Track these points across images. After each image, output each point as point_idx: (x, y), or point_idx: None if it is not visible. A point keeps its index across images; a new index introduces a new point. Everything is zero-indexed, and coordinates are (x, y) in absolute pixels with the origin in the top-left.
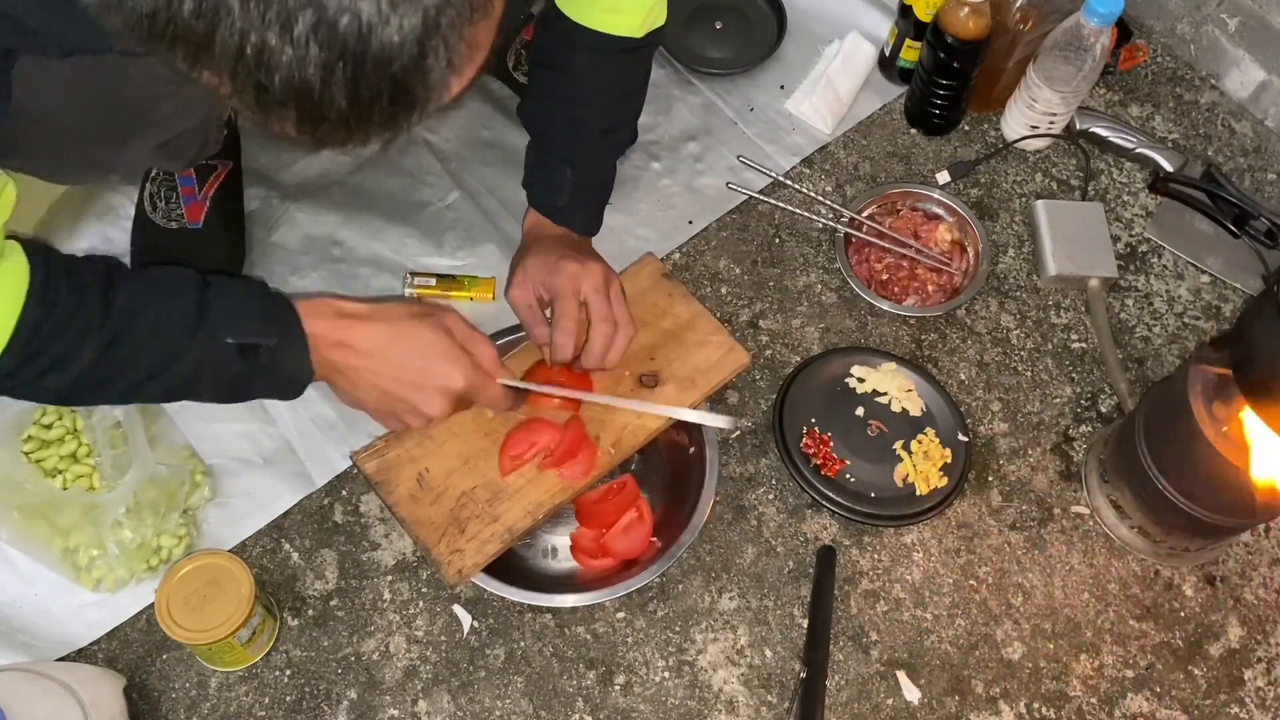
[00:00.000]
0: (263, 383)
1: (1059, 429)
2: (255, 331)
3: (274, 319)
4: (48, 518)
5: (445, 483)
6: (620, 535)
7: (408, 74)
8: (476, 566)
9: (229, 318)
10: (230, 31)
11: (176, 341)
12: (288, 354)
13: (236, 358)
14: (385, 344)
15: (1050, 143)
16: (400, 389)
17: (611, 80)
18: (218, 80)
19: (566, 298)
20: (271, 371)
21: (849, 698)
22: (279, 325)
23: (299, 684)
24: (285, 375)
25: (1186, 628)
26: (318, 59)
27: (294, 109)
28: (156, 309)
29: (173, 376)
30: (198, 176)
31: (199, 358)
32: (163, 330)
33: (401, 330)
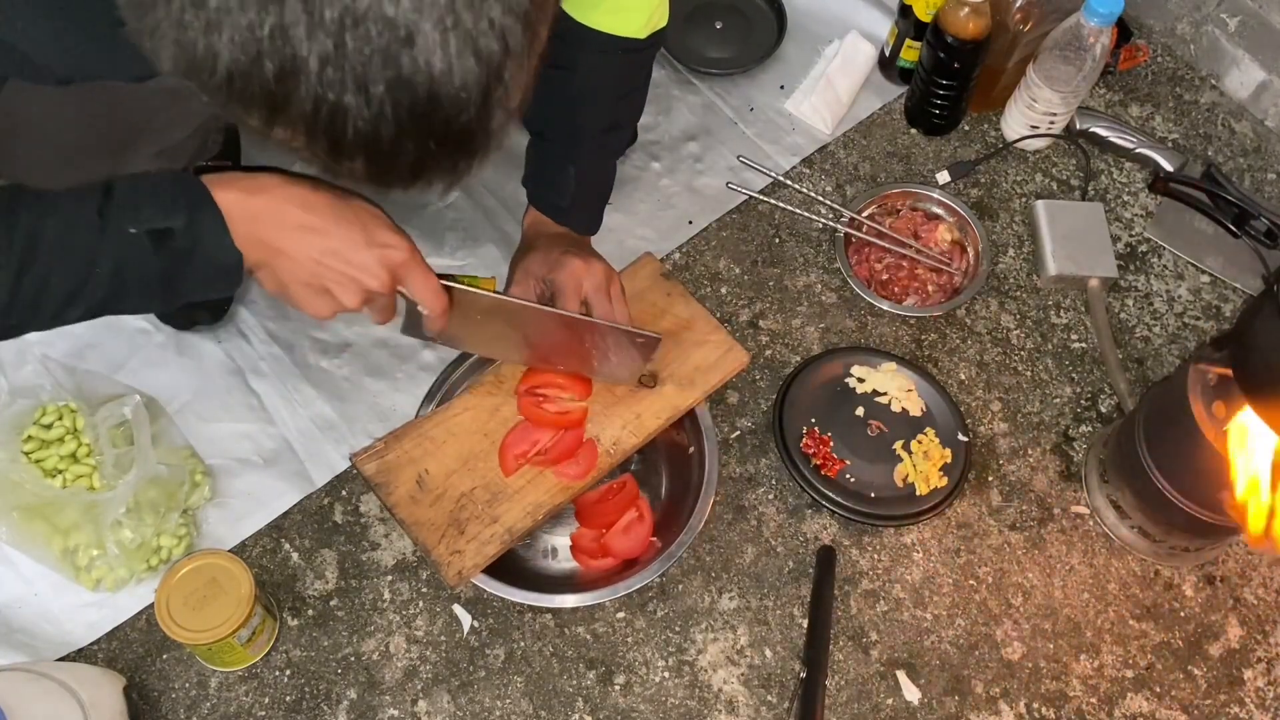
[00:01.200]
0: (191, 275)
1: (1059, 429)
2: (160, 215)
3: (180, 198)
4: (48, 518)
5: (445, 484)
6: (620, 535)
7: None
8: (476, 568)
9: (131, 208)
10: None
11: (86, 249)
12: (205, 234)
13: (150, 250)
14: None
15: (1050, 143)
16: (337, 261)
17: (614, 80)
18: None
19: (567, 295)
20: (194, 257)
21: (849, 698)
22: (186, 203)
23: (299, 684)
24: (210, 260)
25: (1186, 628)
26: (391, 115)
27: (364, 159)
28: (60, 221)
29: (97, 287)
30: None
31: (114, 260)
32: (70, 240)
33: (334, 200)
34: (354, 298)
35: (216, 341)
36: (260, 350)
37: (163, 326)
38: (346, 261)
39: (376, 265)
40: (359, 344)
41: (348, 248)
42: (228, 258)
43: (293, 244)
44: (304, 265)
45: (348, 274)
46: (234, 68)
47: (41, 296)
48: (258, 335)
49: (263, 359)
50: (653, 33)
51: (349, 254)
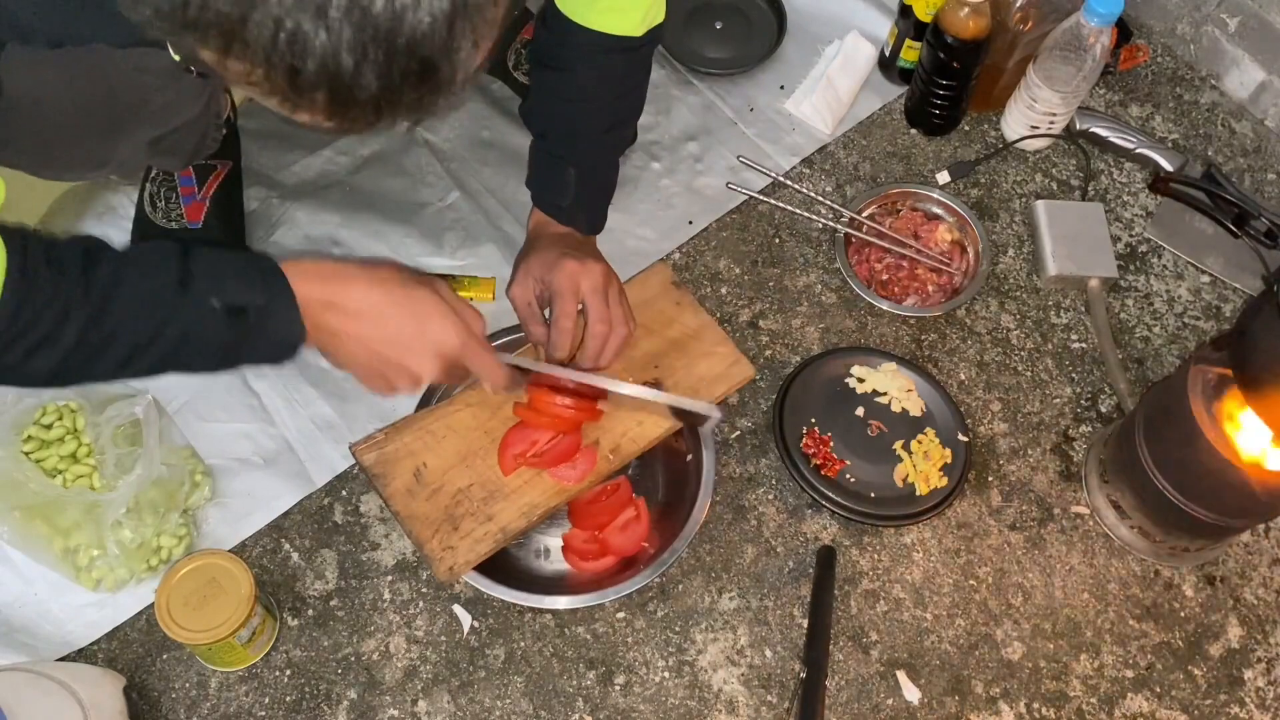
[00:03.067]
0: (253, 347)
1: (1059, 429)
2: (241, 293)
3: (259, 279)
4: (48, 518)
5: (442, 479)
6: (618, 532)
7: (437, 54)
8: (468, 565)
9: (213, 281)
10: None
11: (161, 310)
12: (276, 314)
13: (224, 322)
14: (377, 304)
15: (1050, 143)
16: (393, 350)
17: (612, 79)
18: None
19: (565, 297)
20: (261, 334)
21: (849, 698)
22: (265, 285)
23: (299, 684)
24: (276, 337)
25: (1186, 628)
26: (351, 42)
27: (325, 93)
28: (138, 280)
29: (161, 347)
30: (197, 176)
31: (185, 325)
32: (146, 300)
33: (394, 291)
34: (408, 384)
35: None
36: None
37: None
38: (400, 352)
39: (427, 358)
40: None
41: (401, 339)
42: (292, 338)
43: (351, 334)
44: (360, 354)
45: (401, 364)
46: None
47: (107, 348)
48: None
49: None
50: (649, 29)
51: (402, 346)
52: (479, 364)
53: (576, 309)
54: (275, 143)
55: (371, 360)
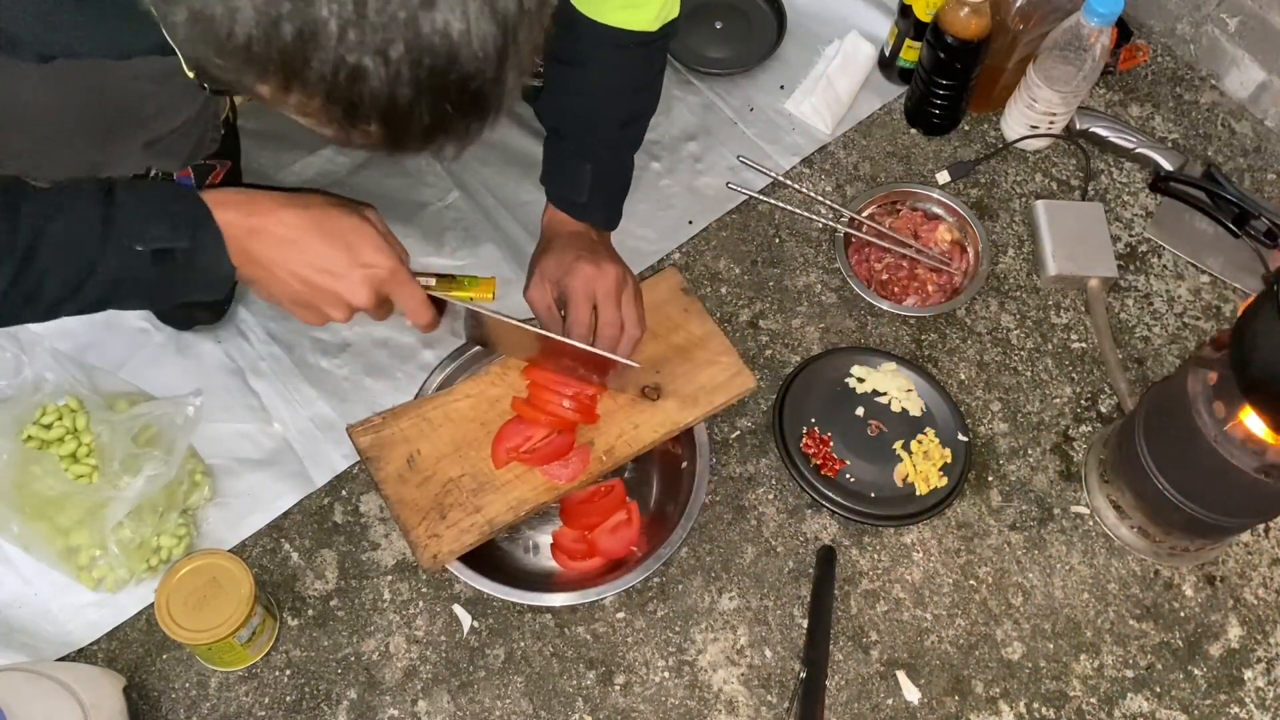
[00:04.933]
0: (183, 286)
1: (1059, 429)
2: (165, 236)
3: (184, 219)
4: (49, 517)
5: (435, 467)
6: (608, 534)
7: (487, 86)
8: (452, 554)
9: (136, 224)
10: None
11: (87, 255)
12: (203, 254)
13: (150, 265)
14: (305, 230)
15: (1050, 143)
16: (323, 277)
17: (627, 75)
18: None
19: (579, 303)
20: (190, 272)
21: (849, 698)
22: (190, 225)
23: (299, 684)
24: (206, 275)
25: (1186, 628)
26: (409, 78)
27: (380, 124)
28: (63, 223)
29: (92, 290)
30: (196, 176)
31: (112, 269)
32: (72, 244)
33: (322, 216)
34: (340, 313)
35: (216, 341)
36: (260, 350)
37: (163, 326)
38: (331, 279)
39: (360, 284)
40: (359, 344)
41: (332, 266)
42: (221, 272)
43: (280, 262)
44: (290, 283)
45: (333, 291)
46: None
47: (38, 291)
48: (257, 335)
49: (262, 359)
50: (664, 24)
51: (333, 273)
52: (406, 296)
53: (590, 315)
54: (275, 143)
55: (302, 289)
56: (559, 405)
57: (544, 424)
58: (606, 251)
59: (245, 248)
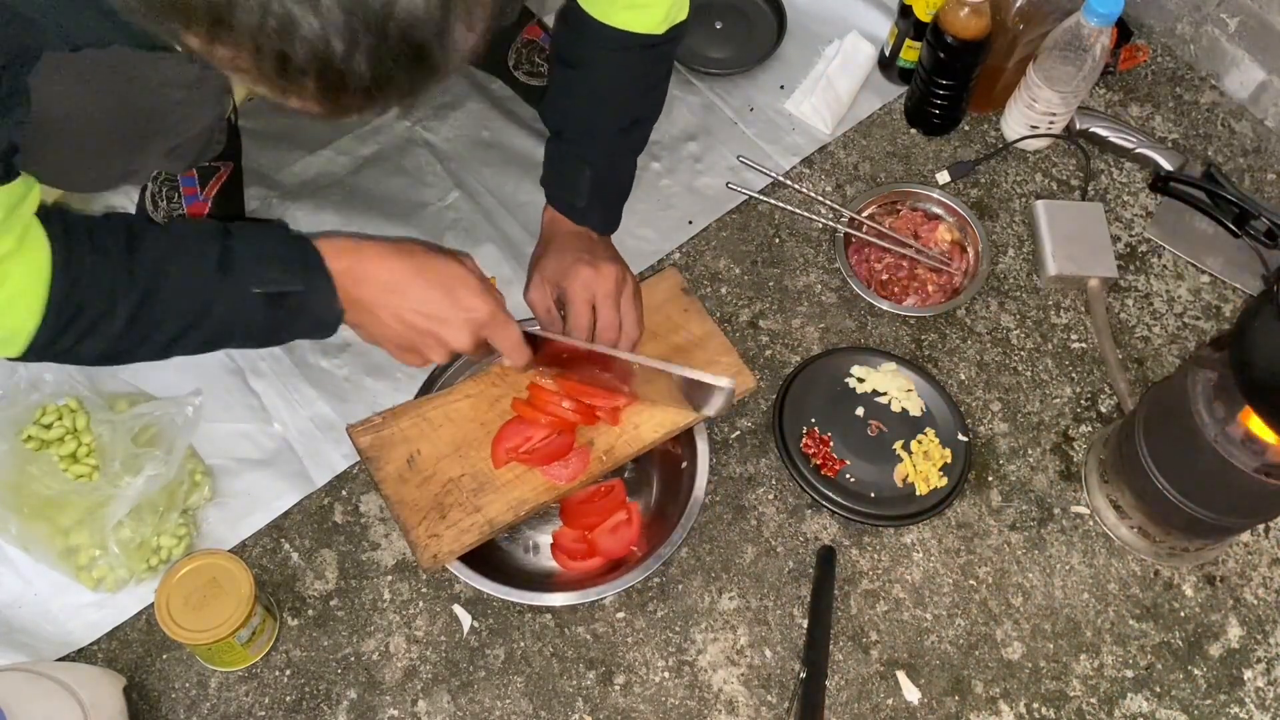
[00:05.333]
0: (295, 326)
1: (1059, 429)
2: (280, 280)
3: (298, 264)
4: (49, 518)
5: (435, 467)
6: (608, 534)
7: (430, 38)
8: (452, 554)
9: (253, 267)
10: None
11: (205, 294)
12: (315, 297)
13: (264, 307)
14: (409, 277)
15: (1050, 143)
16: (425, 321)
17: (633, 78)
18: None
19: (578, 306)
20: (302, 316)
21: (849, 698)
22: (303, 270)
23: (299, 684)
24: (316, 318)
25: (1186, 628)
26: (342, 26)
27: (315, 79)
28: (181, 263)
29: (206, 329)
30: (200, 177)
31: (228, 309)
32: (189, 284)
33: (424, 263)
34: (440, 356)
35: None
36: (260, 350)
37: None
38: (434, 323)
39: (460, 328)
40: (359, 344)
41: (435, 311)
42: (331, 316)
43: (385, 306)
44: (394, 326)
45: (434, 334)
46: None
47: (154, 330)
48: None
49: (263, 359)
50: (672, 27)
51: (436, 317)
52: (505, 337)
53: (589, 317)
54: (275, 143)
55: (404, 331)
56: (558, 406)
57: (544, 424)
58: (605, 252)
59: (351, 293)
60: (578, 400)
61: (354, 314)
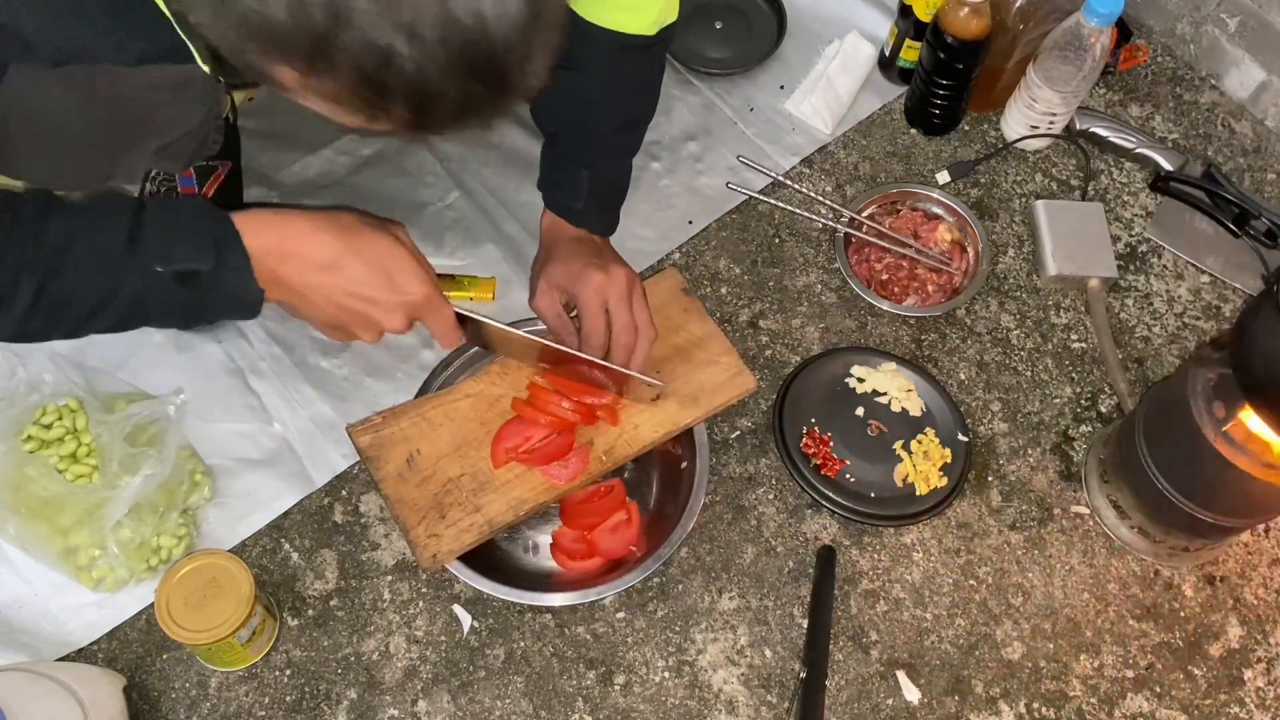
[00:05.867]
0: (210, 308)
1: (1059, 429)
2: (188, 257)
3: (209, 241)
4: (49, 518)
5: (434, 466)
6: (607, 534)
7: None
8: (451, 554)
9: (161, 245)
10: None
11: (113, 273)
12: (229, 276)
13: (174, 286)
14: (342, 256)
15: (1050, 143)
16: (358, 303)
17: (625, 78)
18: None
19: (592, 311)
20: (217, 295)
21: (849, 698)
22: (214, 247)
23: (299, 684)
24: (232, 298)
25: (1186, 628)
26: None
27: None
28: (88, 240)
29: (117, 308)
30: (198, 176)
31: (137, 288)
32: (96, 262)
33: (358, 241)
34: (372, 336)
35: (216, 341)
36: (260, 350)
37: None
38: (368, 305)
39: (394, 310)
40: (359, 344)
41: (370, 293)
42: (249, 296)
43: (314, 286)
44: (324, 307)
45: (366, 315)
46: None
47: (64, 308)
48: (258, 335)
49: (263, 359)
50: (662, 29)
51: (371, 299)
52: (439, 320)
53: (605, 322)
54: (275, 143)
55: (335, 312)
56: (558, 406)
57: (544, 424)
58: (611, 255)
59: (278, 273)
60: (577, 400)
61: (278, 292)
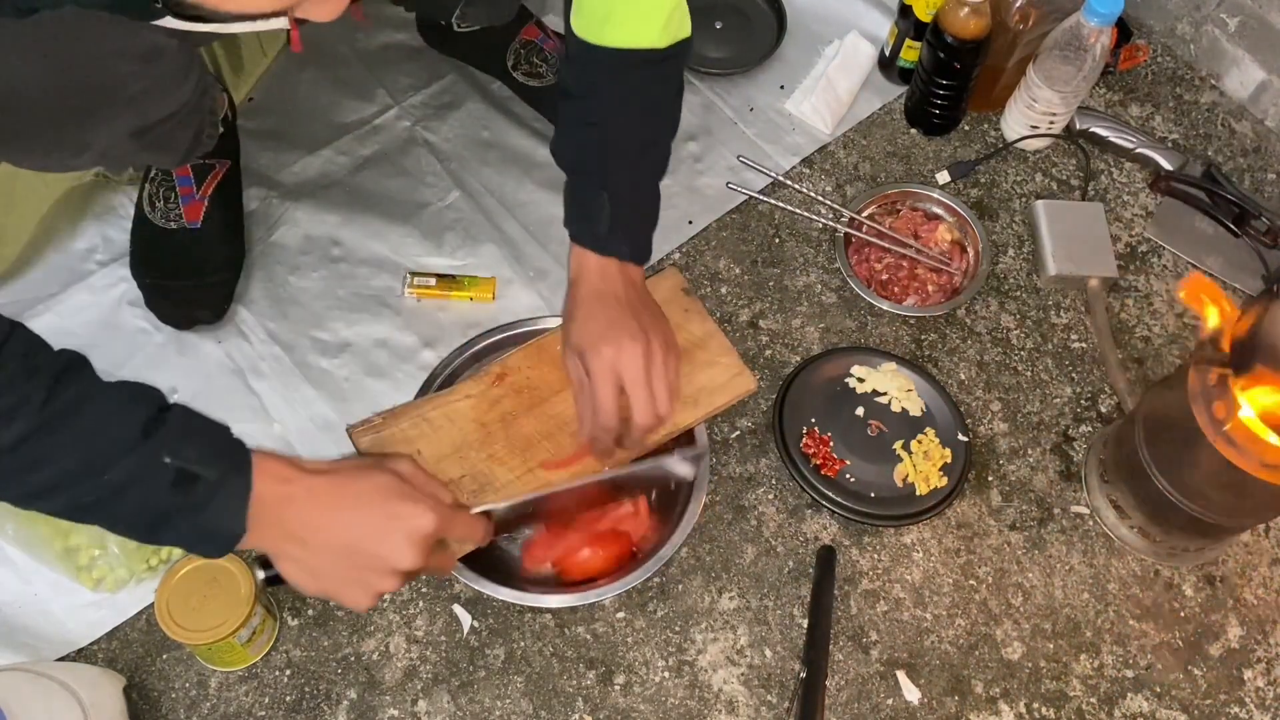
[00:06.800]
0: (187, 524)
1: (1059, 429)
2: (199, 460)
3: (224, 456)
4: (49, 518)
5: (434, 468)
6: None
7: None
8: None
9: (177, 440)
10: None
11: (113, 449)
12: (225, 496)
13: (169, 485)
14: (334, 494)
15: (1050, 143)
16: (361, 542)
17: (636, 95)
18: None
19: (601, 387)
20: (201, 512)
21: (849, 698)
22: (228, 464)
23: (299, 684)
24: (214, 521)
25: (1186, 628)
26: None
27: None
28: (104, 410)
29: (95, 486)
30: (195, 176)
31: (129, 473)
32: (102, 433)
33: (351, 479)
34: (391, 582)
35: (216, 341)
36: (260, 350)
37: (163, 326)
38: (373, 545)
39: (404, 544)
40: (359, 344)
41: (371, 530)
42: (231, 528)
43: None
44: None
45: (377, 557)
46: None
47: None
48: (258, 335)
49: (263, 359)
50: (675, 43)
51: (373, 537)
52: (462, 530)
53: (613, 401)
54: (275, 143)
55: (340, 560)
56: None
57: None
58: (633, 314)
59: (280, 515)
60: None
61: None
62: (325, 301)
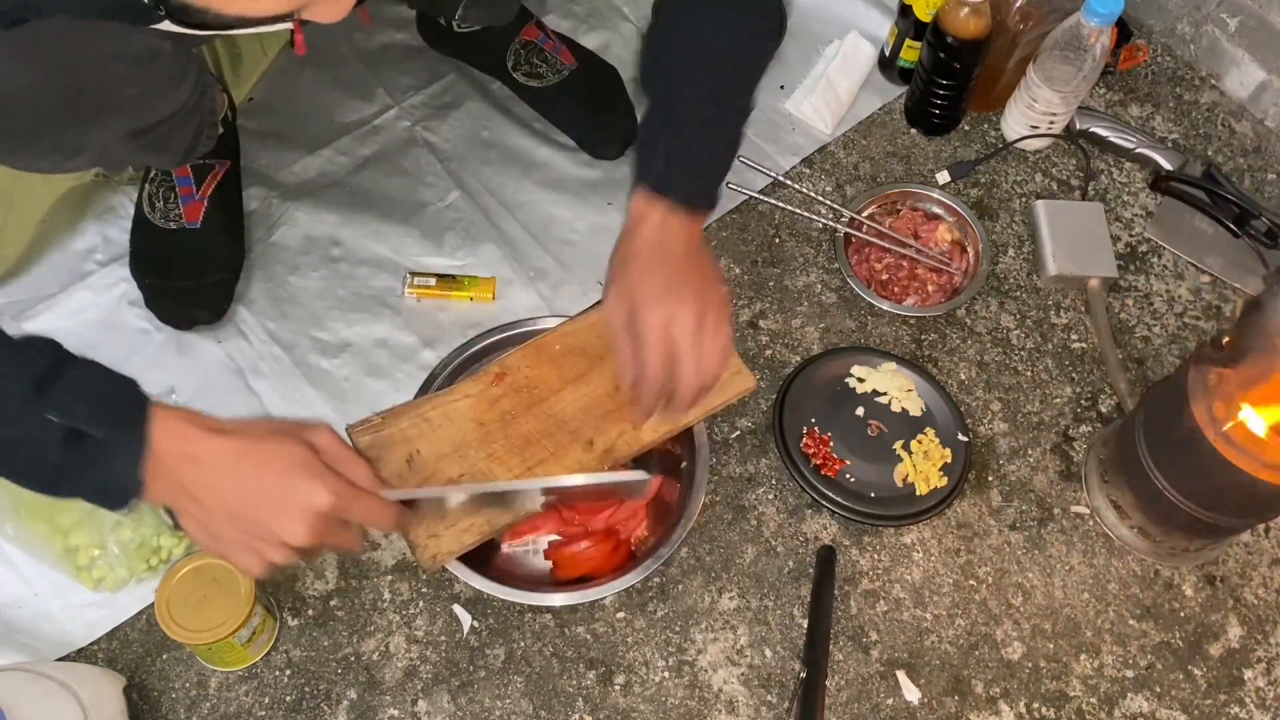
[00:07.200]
0: (83, 480)
1: (1059, 429)
2: (87, 417)
3: (117, 413)
4: (49, 518)
5: (434, 467)
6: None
7: None
8: (452, 554)
9: (67, 397)
10: None
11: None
12: (117, 454)
13: (59, 443)
14: (236, 459)
15: (1050, 143)
16: (254, 510)
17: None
18: None
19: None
20: (94, 468)
21: (849, 698)
22: (119, 421)
23: (299, 684)
24: (109, 478)
25: (1186, 628)
26: None
27: None
28: None
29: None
30: (195, 176)
31: (20, 430)
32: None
33: (257, 445)
34: (281, 553)
35: (216, 341)
36: (260, 350)
37: (163, 326)
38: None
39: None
40: (359, 344)
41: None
42: (125, 483)
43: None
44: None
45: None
46: None
47: None
48: (258, 335)
49: (263, 359)
50: None
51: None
52: (363, 512)
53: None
54: (275, 143)
55: (231, 523)
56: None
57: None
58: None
59: (175, 471)
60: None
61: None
62: (325, 301)
